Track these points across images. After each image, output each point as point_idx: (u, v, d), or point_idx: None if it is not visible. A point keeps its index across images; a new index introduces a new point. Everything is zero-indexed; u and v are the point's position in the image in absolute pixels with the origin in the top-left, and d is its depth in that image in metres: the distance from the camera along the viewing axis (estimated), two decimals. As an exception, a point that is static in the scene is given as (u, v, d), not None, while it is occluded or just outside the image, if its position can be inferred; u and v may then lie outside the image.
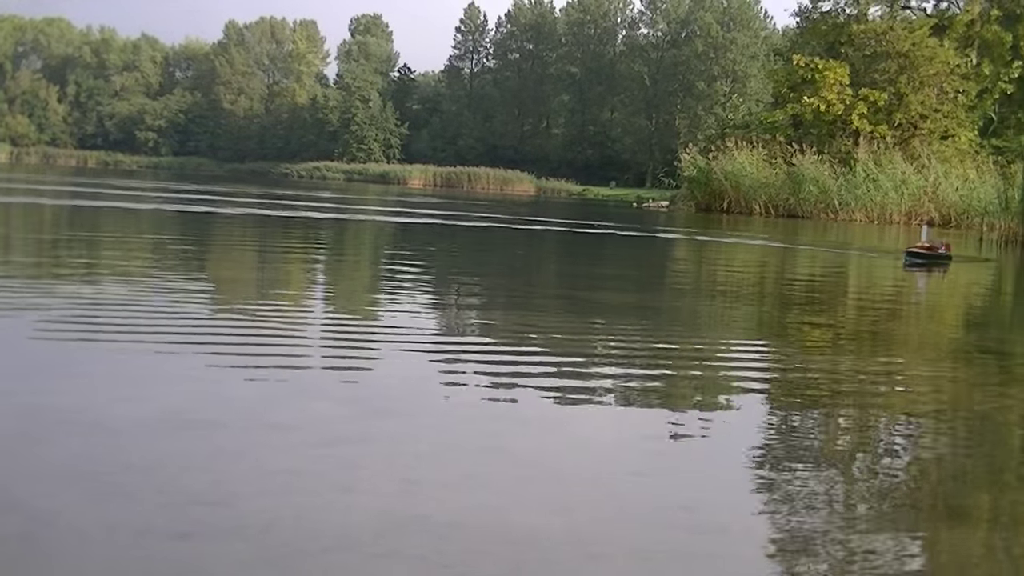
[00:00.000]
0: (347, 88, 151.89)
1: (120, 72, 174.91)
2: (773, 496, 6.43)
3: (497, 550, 5.29)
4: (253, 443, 6.92)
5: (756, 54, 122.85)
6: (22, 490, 5.70)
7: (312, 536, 5.32)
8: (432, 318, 14.56)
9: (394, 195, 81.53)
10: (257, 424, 7.39)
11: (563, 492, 6.35)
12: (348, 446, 6.96)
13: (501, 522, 5.72)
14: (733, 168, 70.05)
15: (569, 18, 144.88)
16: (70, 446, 6.59)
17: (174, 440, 6.84)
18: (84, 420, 7.15)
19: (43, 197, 43.05)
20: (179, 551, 4.99)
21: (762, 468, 7.07)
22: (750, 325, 16.09)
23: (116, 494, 5.72)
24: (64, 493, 5.69)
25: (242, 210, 41.19)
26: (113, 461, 6.33)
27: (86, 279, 15.63)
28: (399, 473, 6.47)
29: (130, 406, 7.57)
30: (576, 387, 9.38)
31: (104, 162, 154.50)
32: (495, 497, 6.13)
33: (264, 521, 5.46)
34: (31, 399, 7.71)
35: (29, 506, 5.46)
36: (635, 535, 5.67)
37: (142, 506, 5.57)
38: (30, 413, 7.27)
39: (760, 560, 5.38)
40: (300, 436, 7.13)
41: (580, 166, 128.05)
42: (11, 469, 6.06)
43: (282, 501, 5.82)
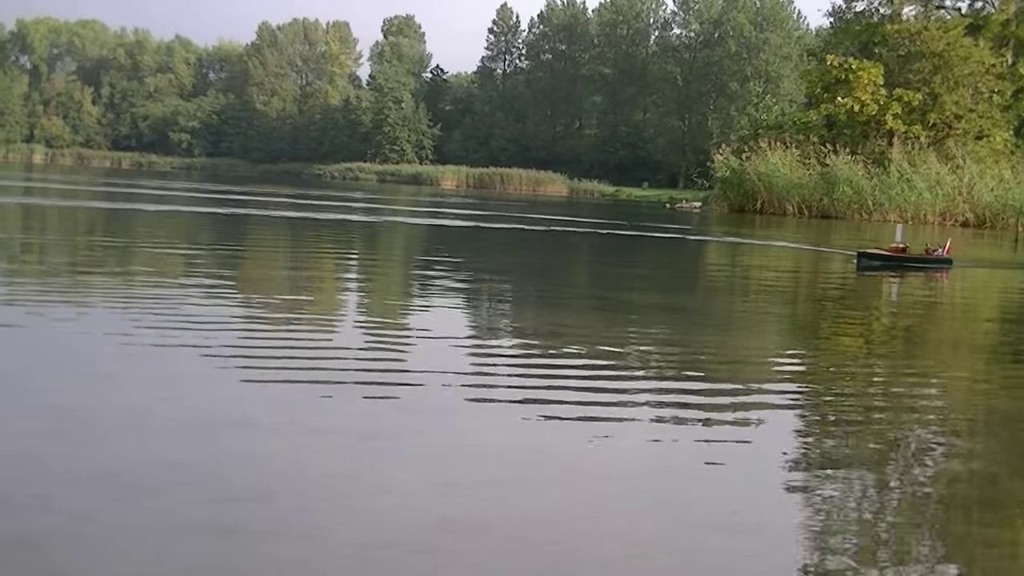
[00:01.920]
0: (380, 89, 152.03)
1: (154, 74, 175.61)
2: (812, 497, 6.45)
3: (536, 549, 5.32)
4: (292, 444, 6.97)
5: (789, 54, 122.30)
6: (63, 489, 5.76)
7: (352, 534, 5.36)
8: (467, 319, 14.59)
9: (427, 196, 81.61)
10: (296, 425, 7.44)
11: (600, 491, 6.38)
12: (386, 446, 7.01)
13: (540, 521, 5.75)
14: (766, 169, 69.82)
15: (602, 19, 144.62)
16: (110, 445, 6.65)
17: (214, 440, 6.90)
18: (124, 420, 7.21)
19: (97, 200, 43.29)
20: (221, 549, 5.04)
21: (799, 471, 7.09)
22: (783, 327, 16.07)
23: (157, 492, 5.78)
24: (104, 492, 5.75)
25: (279, 212, 41.30)
26: (154, 460, 6.39)
27: (125, 281, 15.74)
28: (437, 473, 6.51)
29: (171, 406, 7.63)
30: (611, 388, 9.40)
31: (138, 163, 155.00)
32: (533, 497, 6.16)
33: (305, 519, 5.51)
34: (71, 399, 7.78)
35: (71, 505, 5.52)
36: (674, 534, 5.70)
37: (184, 504, 5.62)
38: (71, 413, 7.34)
39: (800, 561, 5.40)
40: (338, 437, 7.18)
41: (612, 167, 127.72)
42: (53, 468, 6.12)
43: (322, 500, 5.87)
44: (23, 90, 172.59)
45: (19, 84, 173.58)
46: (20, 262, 17.99)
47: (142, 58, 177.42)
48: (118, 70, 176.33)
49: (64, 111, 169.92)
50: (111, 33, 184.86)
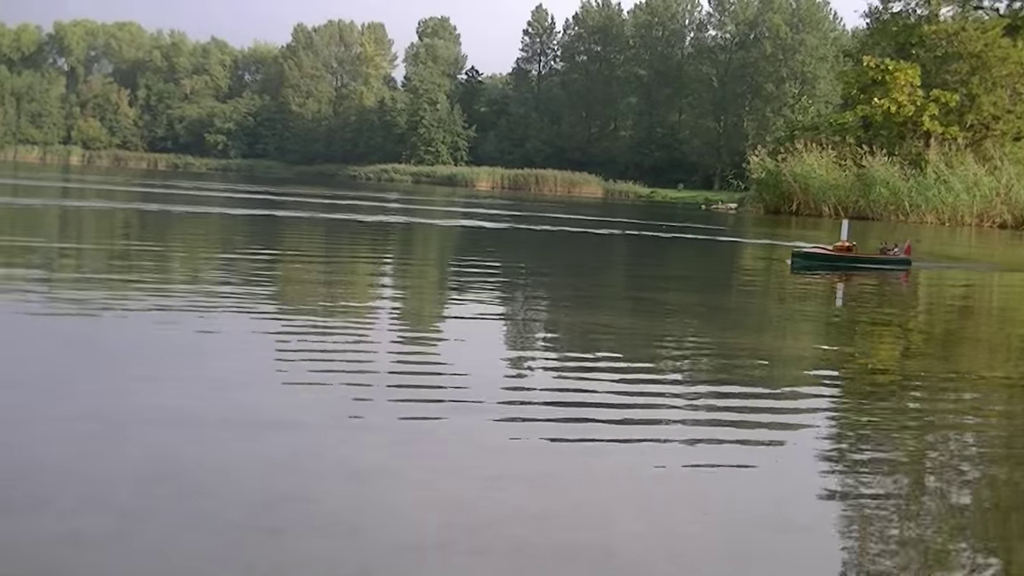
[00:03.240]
0: (415, 91, 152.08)
1: (190, 75, 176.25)
2: (854, 496, 6.43)
3: (584, 545, 5.32)
4: (336, 442, 7.00)
5: (825, 55, 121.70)
6: (113, 489, 5.81)
7: (400, 533, 5.38)
8: (507, 320, 14.61)
9: (462, 198, 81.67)
10: (338, 423, 7.48)
11: (643, 490, 6.37)
12: (430, 443, 7.04)
13: (586, 517, 5.76)
14: (802, 170, 69.63)
15: (637, 20, 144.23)
16: (156, 446, 6.69)
17: (259, 439, 6.94)
18: (168, 420, 7.26)
19: (138, 202, 43.52)
20: (270, 548, 5.06)
21: (840, 470, 7.07)
22: (817, 328, 16.03)
23: (203, 493, 5.82)
24: (152, 492, 5.79)
25: (322, 214, 41.41)
26: (199, 461, 6.43)
27: (169, 284, 15.82)
28: (481, 472, 6.53)
29: (214, 407, 7.68)
30: (648, 387, 9.40)
31: (174, 165, 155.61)
32: (576, 495, 6.17)
33: (352, 518, 5.53)
34: (116, 400, 7.85)
35: (120, 505, 5.56)
36: (719, 531, 5.70)
37: (232, 504, 5.66)
38: (113, 412, 7.39)
39: (843, 559, 5.39)
40: (382, 434, 7.21)
41: (647, 168, 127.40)
42: (100, 469, 6.17)
43: (368, 498, 5.90)
44: (60, 92, 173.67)
45: (56, 86, 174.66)
46: (66, 265, 18.13)
47: (178, 60, 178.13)
48: (154, 72, 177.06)
49: (101, 113, 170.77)
50: (147, 35, 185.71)
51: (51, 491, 5.72)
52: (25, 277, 15.54)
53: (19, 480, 5.90)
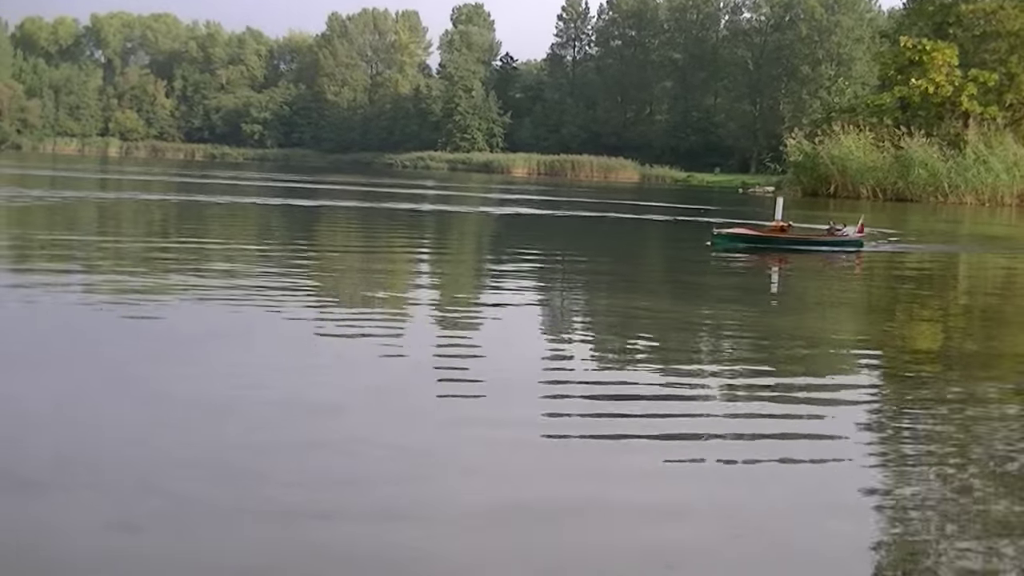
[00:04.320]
0: (449, 78, 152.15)
1: (225, 66, 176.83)
2: (901, 480, 6.42)
3: (635, 534, 5.33)
4: (383, 427, 7.03)
5: (861, 36, 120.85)
6: (162, 473, 5.85)
7: (452, 518, 5.40)
8: (547, 305, 14.65)
9: (499, 184, 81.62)
10: (384, 408, 7.51)
11: (690, 475, 6.38)
12: (476, 428, 7.05)
13: (631, 504, 5.76)
14: (840, 152, 69.23)
15: (671, 4, 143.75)
16: (207, 430, 6.74)
17: (308, 424, 6.98)
18: (217, 405, 7.30)
19: (185, 193, 43.73)
20: (325, 532, 5.09)
21: (887, 454, 7.06)
22: (857, 310, 15.98)
23: (257, 477, 5.86)
24: (205, 476, 5.83)
25: (357, 203, 41.52)
26: (251, 444, 6.48)
27: (216, 271, 15.91)
28: (527, 456, 6.55)
29: (264, 393, 7.73)
30: (689, 371, 9.41)
31: (211, 155, 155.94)
32: (622, 483, 6.17)
33: (403, 502, 5.56)
34: (164, 386, 7.90)
35: (174, 489, 5.60)
36: (770, 516, 5.71)
37: (285, 488, 5.70)
38: (164, 399, 7.44)
39: (889, 542, 5.39)
40: (428, 419, 7.24)
41: (683, 152, 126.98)
42: (150, 453, 6.21)
43: (418, 483, 5.92)
44: (98, 84, 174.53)
45: (94, 78, 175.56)
46: (113, 255, 18.24)
47: (214, 50, 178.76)
48: (190, 63, 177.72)
49: (138, 104, 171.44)
50: (183, 26, 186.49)
51: (104, 476, 5.77)
52: (78, 268, 15.67)
53: (72, 465, 5.95)
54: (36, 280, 13.55)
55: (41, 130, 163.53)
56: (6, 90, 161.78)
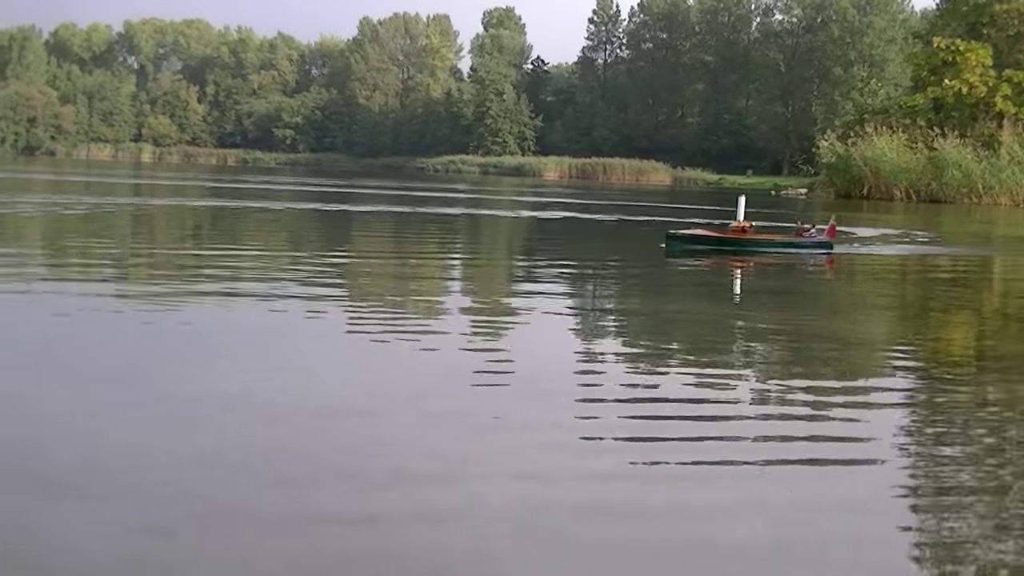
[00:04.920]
0: (481, 81, 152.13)
1: (257, 71, 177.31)
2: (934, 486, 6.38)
3: (671, 535, 5.31)
4: (417, 429, 7.03)
5: (894, 37, 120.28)
6: (198, 477, 5.85)
7: (489, 521, 5.38)
8: (582, 305, 14.62)
9: (531, 187, 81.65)
10: (421, 411, 7.51)
11: (731, 476, 6.35)
12: (513, 432, 7.04)
13: (675, 506, 5.74)
14: (873, 154, 68.98)
15: (702, 6, 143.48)
16: (240, 434, 6.74)
17: (342, 427, 6.99)
18: (250, 408, 7.31)
19: (222, 198, 43.92)
20: (364, 537, 5.08)
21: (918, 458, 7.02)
22: (889, 313, 15.91)
23: (292, 481, 5.86)
24: (238, 480, 5.84)
25: (390, 207, 41.63)
26: (285, 448, 6.48)
27: (244, 277, 15.96)
28: (565, 459, 6.53)
29: (294, 395, 7.75)
30: (724, 372, 9.38)
31: (243, 160, 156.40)
32: (664, 485, 6.15)
33: (441, 505, 5.55)
34: (201, 386, 7.92)
35: (206, 493, 5.60)
36: (800, 518, 5.68)
37: (321, 492, 5.69)
38: (199, 401, 7.45)
39: (919, 543, 5.35)
40: (465, 422, 7.23)
41: (715, 155, 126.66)
42: (182, 457, 6.21)
43: (455, 486, 5.91)
44: (130, 90, 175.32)
45: (127, 84, 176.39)
46: (148, 259, 18.36)
47: (246, 56, 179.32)
48: (222, 68, 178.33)
49: (170, 110, 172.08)
50: (215, 32, 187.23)
51: (135, 479, 5.78)
52: (113, 274, 15.77)
53: (102, 469, 5.97)
54: (71, 286, 13.67)
55: (75, 136, 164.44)
56: (40, 97, 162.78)
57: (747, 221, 23.80)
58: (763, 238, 24.26)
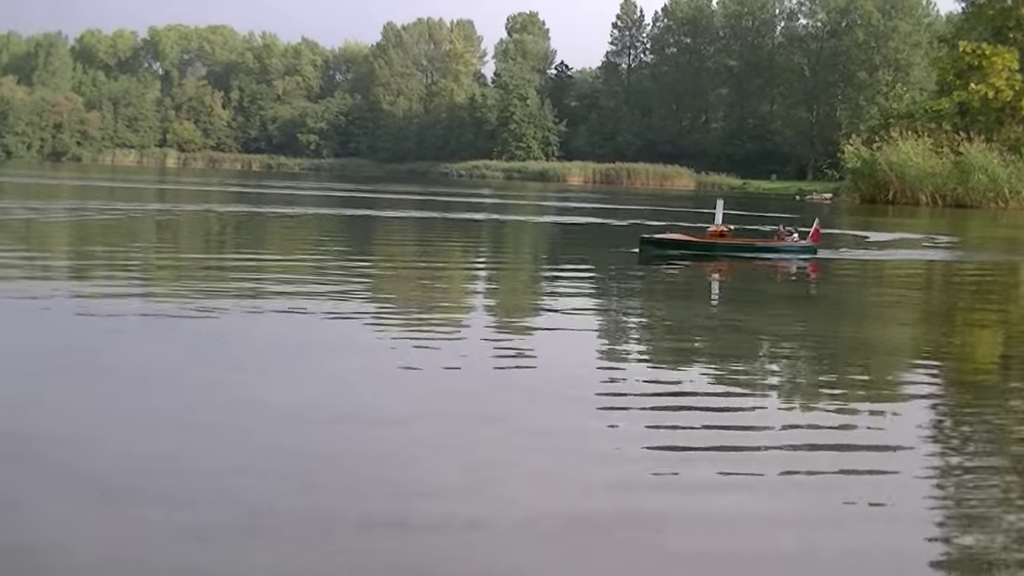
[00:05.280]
0: (505, 87, 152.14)
1: (281, 76, 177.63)
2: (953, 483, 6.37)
3: (694, 544, 5.31)
4: (456, 435, 7.08)
5: (919, 42, 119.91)
6: (239, 483, 5.91)
7: (515, 527, 5.40)
8: (607, 311, 14.65)
9: (555, 192, 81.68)
10: (457, 417, 7.55)
11: (761, 479, 6.35)
12: (550, 438, 7.07)
13: (712, 511, 5.74)
14: (898, 158, 68.75)
15: (726, 11, 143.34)
16: (278, 441, 6.81)
17: (375, 434, 7.05)
18: (286, 416, 7.37)
19: (248, 204, 44.05)
20: (399, 542, 5.12)
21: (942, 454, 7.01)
22: (914, 316, 15.86)
23: (329, 487, 5.93)
24: (278, 486, 5.89)
25: (415, 212, 41.71)
26: (321, 455, 6.55)
27: (276, 284, 16.01)
28: (601, 465, 6.54)
29: (328, 402, 7.82)
30: (749, 380, 9.38)
31: (267, 165, 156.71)
32: (689, 494, 6.16)
33: (473, 511, 5.57)
34: (234, 394, 7.98)
35: (248, 499, 5.66)
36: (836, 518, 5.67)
37: (356, 498, 5.74)
38: (234, 408, 7.51)
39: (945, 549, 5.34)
40: (500, 428, 7.27)
41: (739, 160, 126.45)
42: (222, 461, 6.29)
43: (492, 491, 5.94)
44: (155, 96, 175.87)
45: (152, 90, 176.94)
46: (181, 268, 18.45)
47: (270, 61, 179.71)
48: (247, 74, 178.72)
49: (195, 115, 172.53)
50: (239, 38, 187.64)
51: (179, 485, 5.91)
52: (153, 280, 15.86)
53: (147, 474, 6.08)
54: (114, 292, 13.78)
55: (100, 142, 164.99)
56: (66, 103, 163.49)
57: (725, 225, 23.55)
58: (742, 242, 24.02)
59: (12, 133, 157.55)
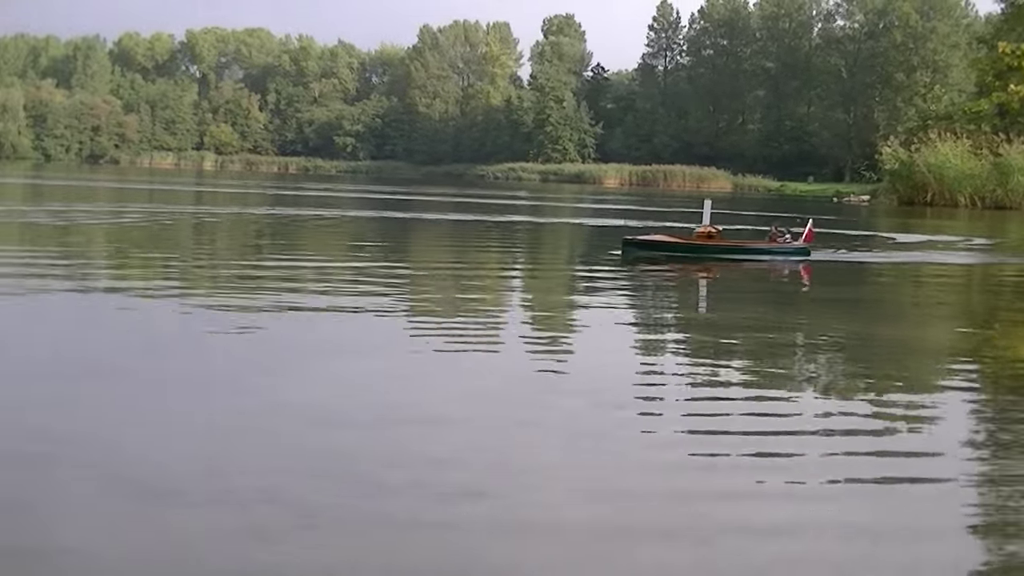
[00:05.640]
0: (541, 89, 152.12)
1: (318, 79, 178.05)
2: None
3: (733, 553, 5.31)
4: (502, 438, 7.11)
5: (957, 43, 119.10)
6: (290, 483, 6.05)
7: (569, 529, 5.42)
8: (644, 313, 14.66)
9: (592, 195, 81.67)
10: (503, 419, 7.59)
11: (801, 483, 6.35)
12: (594, 440, 7.09)
13: (754, 518, 5.75)
14: (936, 160, 68.34)
15: (763, 12, 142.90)
16: (327, 442, 6.87)
17: (422, 435, 7.10)
18: (334, 418, 7.43)
19: (285, 206, 44.26)
20: (449, 544, 5.16)
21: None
22: (954, 318, 15.79)
23: (378, 487, 6.01)
24: (328, 487, 5.97)
25: (452, 215, 41.75)
26: (370, 455, 6.65)
27: (318, 287, 16.09)
28: (652, 468, 6.56)
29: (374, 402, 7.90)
30: (786, 385, 9.36)
31: (304, 168, 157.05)
32: (727, 502, 6.16)
33: (524, 515, 5.61)
34: (279, 396, 8.04)
35: (299, 499, 5.80)
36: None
37: (405, 498, 5.79)
38: (279, 410, 7.57)
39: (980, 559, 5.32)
40: (545, 431, 7.30)
41: (776, 162, 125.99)
42: (275, 462, 6.39)
43: (537, 494, 5.98)
44: (193, 99, 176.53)
45: (189, 93, 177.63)
46: (224, 270, 18.57)
47: (306, 64, 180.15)
48: (283, 76, 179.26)
49: (232, 118, 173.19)
50: (276, 40, 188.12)
51: (230, 485, 6.01)
52: (199, 285, 15.98)
53: (200, 474, 6.19)
54: (157, 295, 13.92)
55: (138, 144, 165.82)
56: (104, 106, 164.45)
57: (713, 226, 23.00)
58: (732, 244, 23.55)
59: (51, 136, 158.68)
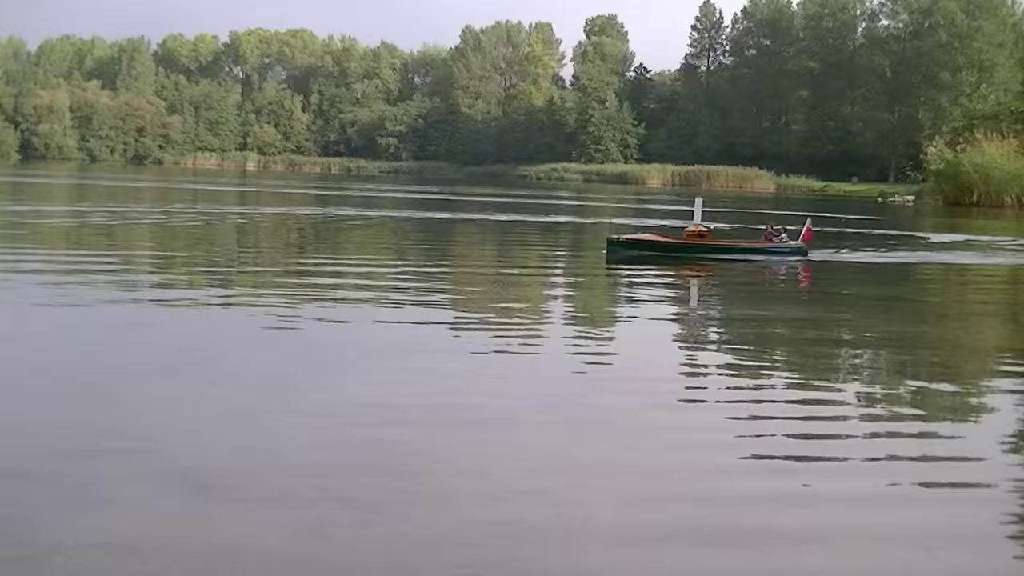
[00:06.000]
0: (583, 89, 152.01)
1: (361, 80, 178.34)
2: None
3: (778, 558, 5.33)
4: (556, 437, 7.16)
5: (1003, 42, 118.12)
6: (347, 482, 6.19)
7: (627, 527, 5.45)
8: (687, 314, 14.65)
9: (634, 195, 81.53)
10: (555, 418, 7.63)
11: (846, 483, 6.35)
12: (651, 436, 7.12)
13: (802, 525, 5.77)
14: (982, 160, 67.89)
15: (806, 12, 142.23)
16: (381, 440, 6.97)
17: (475, 434, 7.18)
18: (388, 416, 7.51)
19: (332, 206, 44.43)
20: (504, 542, 5.22)
21: None
22: (997, 320, 15.69)
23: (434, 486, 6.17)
24: (385, 485, 6.07)
25: (496, 216, 41.81)
26: (425, 454, 6.77)
27: (367, 289, 16.17)
28: (701, 463, 6.59)
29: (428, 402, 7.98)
30: (828, 386, 9.36)
31: (347, 168, 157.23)
32: (763, 506, 6.18)
33: (582, 514, 5.65)
34: (332, 395, 8.13)
35: (356, 497, 5.93)
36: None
37: (463, 497, 5.91)
38: (333, 409, 7.65)
39: None
40: (601, 429, 7.34)
41: (820, 162, 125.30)
42: (327, 459, 6.55)
43: (597, 494, 6.01)
44: (236, 99, 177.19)
45: (232, 94, 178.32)
46: (276, 272, 18.70)
47: (349, 65, 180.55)
48: (326, 77, 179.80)
49: (275, 119, 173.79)
50: (319, 41, 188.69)
51: (289, 484, 6.11)
52: (248, 285, 16.14)
53: (259, 473, 6.32)
54: (202, 296, 14.06)
55: (182, 145, 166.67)
56: (149, 107, 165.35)
57: (705, 225, 22.57)
58: (724, 244, 23.13)
59: (96, 137, 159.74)
